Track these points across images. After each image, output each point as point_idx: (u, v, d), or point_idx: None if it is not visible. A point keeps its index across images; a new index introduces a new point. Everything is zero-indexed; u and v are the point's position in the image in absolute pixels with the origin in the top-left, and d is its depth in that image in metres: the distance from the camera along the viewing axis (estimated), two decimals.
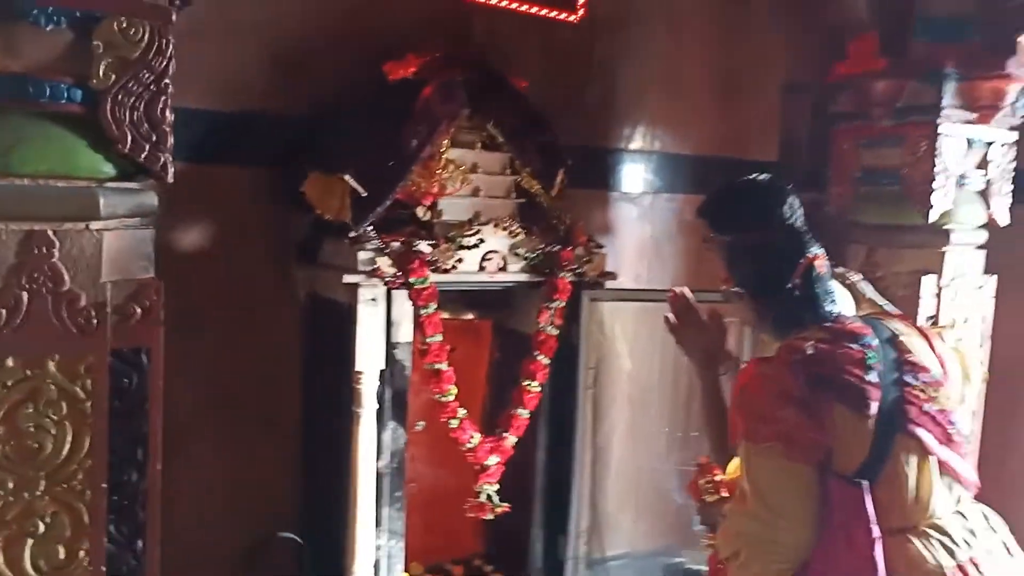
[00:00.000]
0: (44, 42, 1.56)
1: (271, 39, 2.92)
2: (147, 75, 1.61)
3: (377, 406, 2.76)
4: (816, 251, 1.77)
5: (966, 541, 1.62)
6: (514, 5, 3.27)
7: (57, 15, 1.53)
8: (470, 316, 3.26)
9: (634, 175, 3.73)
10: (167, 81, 1.63)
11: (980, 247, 2.97)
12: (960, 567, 1.60)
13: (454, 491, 3.18)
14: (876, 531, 1.55)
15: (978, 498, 1.74)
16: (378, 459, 2.79)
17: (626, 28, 3.61)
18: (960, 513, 1.66)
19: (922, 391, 1.65)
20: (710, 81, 3.84)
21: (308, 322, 3.08)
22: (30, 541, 1.62)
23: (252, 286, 2.99)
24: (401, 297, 2.76)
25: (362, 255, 2.68)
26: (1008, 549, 1.70)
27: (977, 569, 1.61)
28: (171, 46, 1.63)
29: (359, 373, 2.70)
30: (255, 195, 2.99)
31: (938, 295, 2.80)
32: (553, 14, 3.35)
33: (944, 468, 1.64)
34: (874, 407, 1.60)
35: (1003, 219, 2.96)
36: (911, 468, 1.61)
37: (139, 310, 1.67)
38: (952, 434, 1.65)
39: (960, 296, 2.86)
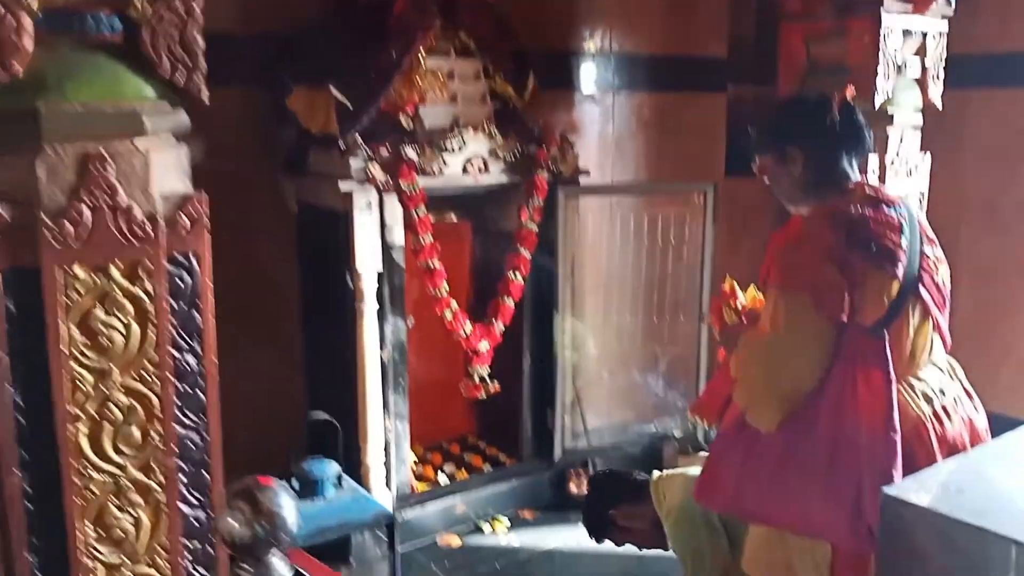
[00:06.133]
0: None
1: None
2: (179, 3, 1.76)
3: (377, 304, 3.00)
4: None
5: (941, 390, 1.89)
6: None
7: None
8: (452, 217, 3.48)
9: (595, 76, 3.92)
10: (197, 8, 1.78)
11: (916, 128, 3.27)
12: (935, 414, 1.86)
13: (445, 379, 3.48)
14: (893, 375, 1.79)
15: None
16: (381, 350, 3.05)
17: None
18: (935, 365, 1.93)
19: (934, 264, 1.89)
20: None
21: (302, 231, 3.27)
22: (109, 428, 1.85)
23: (245, 200, 3.14)
24: (392, 202, 2.97)
25: (355, 163, 2.87)
26: (968, 393, 1.98)
27: (947, 415, 1.88)
28: None
29: (359, 274, 2.93)
30: (240, 113, 3.12)
31: (882, 173, 3.11)
32: None
33: (936, 328, 1.90)
34: (901, 270, 1.80)
35: (938, 103, 3.25)
36: (913, 326, 1.86)
37: (187, 220, 1.87)
38: (946, 301, 1.93)
39: (901, 173, 3.18)
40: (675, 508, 2.47)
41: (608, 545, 2.69)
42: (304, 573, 1.18)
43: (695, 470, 2.47)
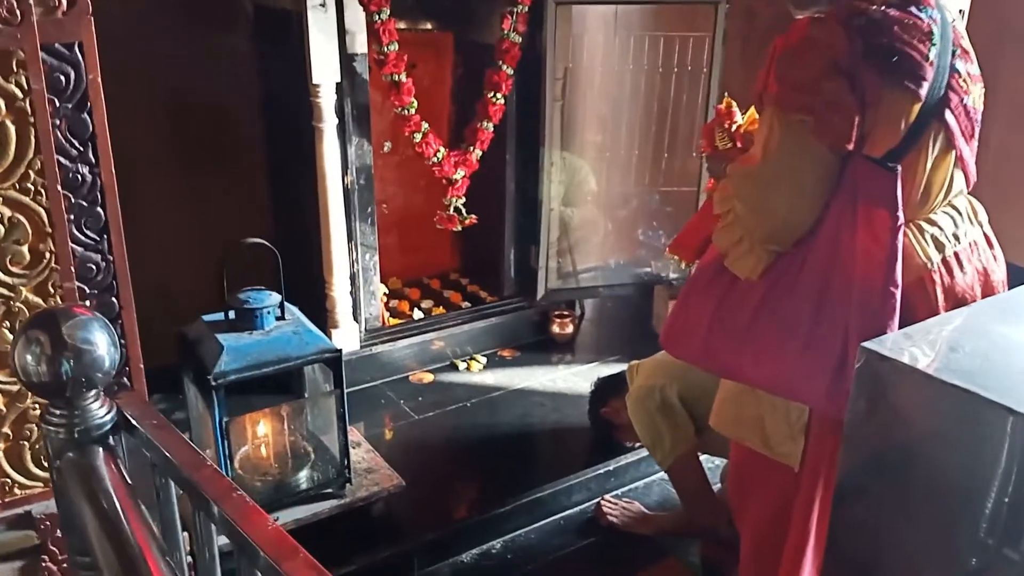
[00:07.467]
0: None
1: None
2: None
3: (338, 121, 2.70)
4: None
5: (955, 235, 1.60)
6: None
7: None
8: (428, 26, 3.12)
9: None
10: None
11: None
12: (945, 261, 1.58)
13: (428, 212, 3.22)
14: (901, 217, 1.47)
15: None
16: (345, 175, 2.79)
17: None
18: (952, 205, 1.62)
19: (965, 82, 1.54)
20: None
21: (259, 36, 2.94)
22: None
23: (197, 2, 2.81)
24: (353, 4, 2.61)
25: None
26: (988, 240, 1.69)
27: (959, 264, 1.60)
28: None
29: (316, 86, 2.62)
30: None
31: None
32: None
33: (959, 162, 1.58)
34: (925, 88, 1.47)
35: None
36: (932, 159, 1.54)
37: (64, 1, 1.57)
38: (975, 130, 1.58)
39: None
40: (633, 389, 2.32)
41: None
42: (133, 420, 0.97)
43: (664, 353, 2.28)
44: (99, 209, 1.71)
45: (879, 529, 1.26)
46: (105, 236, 1.72)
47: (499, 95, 2.89)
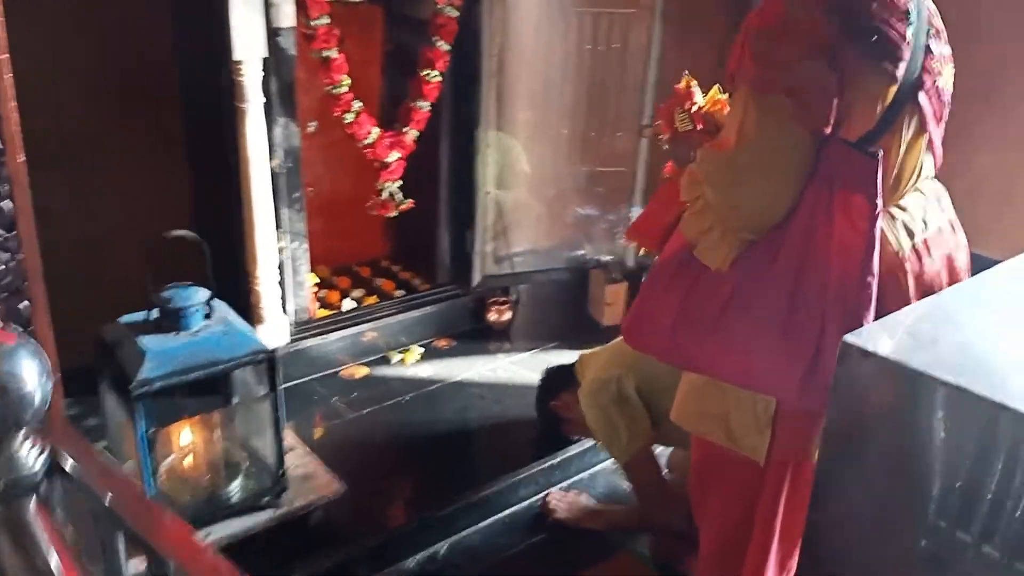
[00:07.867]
0: None
1: None
2: None
3: (264, 100, 2.51)
4: None
5: (924, 221, 1.56)
6: None
7: None
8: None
9: None
10: None
11: None
12: (915, 248, 1.55)
13: (357, 195, 3.05)
14: (880, 204, 1.42)
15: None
16: (271, 158, 2.60)
17: None
18: (919, 190, 1.58)
19: (938, 62, 1.49)
20: None
21: (177, 7, 2.71)
22: None
23: None
24: None
25: None
26: (952, 226, 1.65)
27: (928, 250, 1.57)
28: None
29: (238, 63, 2.42)
30: None
31: None
32: None
33: (929, 145, 1.54)
34: (902, 69, 1.42)
35: None
36: (905, 143, 1.49)
37: None
38: (944, 112, 1.54)
39: None
40: (587, 382, 2.24)
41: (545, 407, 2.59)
42: (70, 461, 0.82)
43: (617, 343, 2.21)
44: (6, 202, 1.51)
45: (854, 524, 1.23)
46: (13, 232, 1.53)
47: (434, 72, 2.75)
